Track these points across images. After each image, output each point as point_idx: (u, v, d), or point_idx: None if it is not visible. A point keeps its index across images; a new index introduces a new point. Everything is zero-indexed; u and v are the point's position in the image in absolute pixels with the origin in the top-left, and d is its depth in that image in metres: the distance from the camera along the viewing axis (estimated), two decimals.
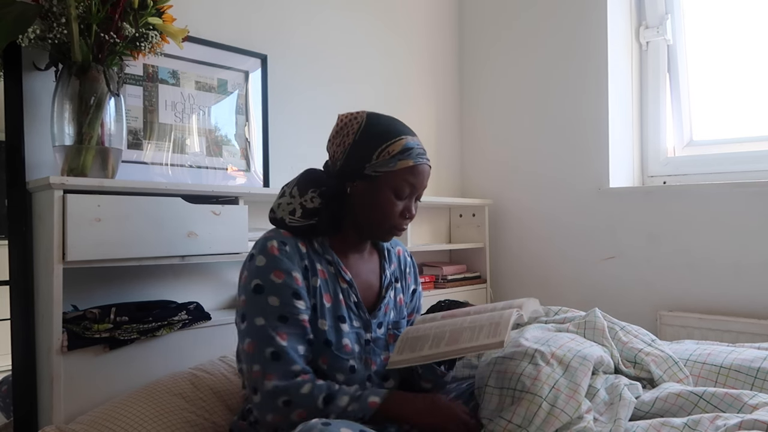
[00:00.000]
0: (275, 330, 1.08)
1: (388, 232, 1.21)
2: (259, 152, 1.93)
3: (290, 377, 1.07)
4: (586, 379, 1.21)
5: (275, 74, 2.01)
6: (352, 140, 1.18)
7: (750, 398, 1.16)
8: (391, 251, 1.34)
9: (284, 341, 1.08)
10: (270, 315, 1.09)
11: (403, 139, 1.17)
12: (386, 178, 1.15)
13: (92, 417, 1.29)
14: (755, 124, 2.22)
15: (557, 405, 1.12)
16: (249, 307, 1.11)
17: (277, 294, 1.10)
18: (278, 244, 1.13)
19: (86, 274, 1.49)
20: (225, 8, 1.90)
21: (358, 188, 1.18)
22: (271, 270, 1.11)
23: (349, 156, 1.18)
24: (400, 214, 1.18)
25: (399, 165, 1.15)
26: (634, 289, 2.25)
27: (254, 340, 1.09)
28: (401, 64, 2.49)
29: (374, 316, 1.23)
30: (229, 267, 1.82)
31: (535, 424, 1.09)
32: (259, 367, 1.07)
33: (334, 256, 1.20)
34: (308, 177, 1.22)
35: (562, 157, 2.45)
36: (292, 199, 1.19)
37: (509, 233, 2.60)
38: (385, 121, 1.20)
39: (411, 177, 1.16)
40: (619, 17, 2.36)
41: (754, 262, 2.01)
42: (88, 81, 1.39)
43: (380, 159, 1.15)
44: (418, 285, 1.39)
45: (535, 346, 1.25)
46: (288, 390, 1.06)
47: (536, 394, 1.13)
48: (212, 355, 1.57)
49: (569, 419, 1.11)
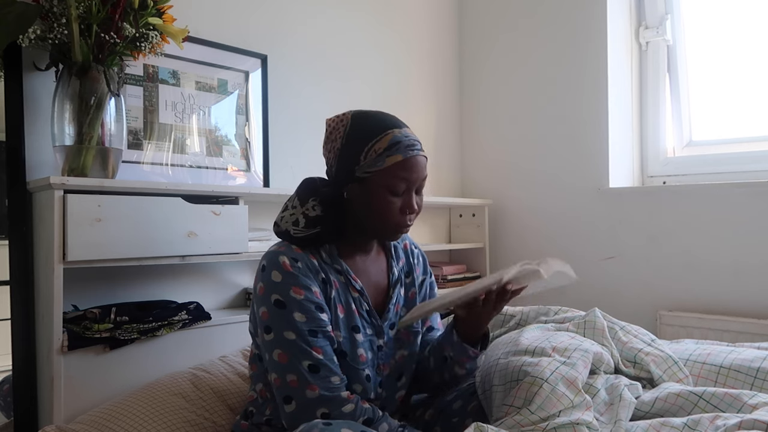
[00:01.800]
0: (309, 345, 1.07)
1: (394, 231, 1.17)
2: (259, 152, 1.93)
3: (333, 390, 1.06)
4: (586, 371, 1.21)
5: (275, 74, 2.01)
6: (340, 144, 1.15)
7: (750, 398, 1.16)
8: (398, 247, 1.32)
9: (320, 355, 1.07)
10: (299, 331, 1.08)
11: (389, 134, 1.13)
12: (378, 178, 1.12)
13: (92, 417, 1.29)
14: (755, 124, 2.22)
15: (558, 388, 1.12)
16: (274, 321, 1.09)
17: (300, 310, 1.09)
18: (290, 261, 1.12)
19: (86, 274, 1.49)
20: (225, 8, 1.90)
21: (353, 191, 1.16)
22: (290, 287, 1.09)
23: (340, 160, 1.16)
24: (400, 211, 1.15)
25: (388, 162, 1.11)
26: (634, 289, 2.26)
27: (286, 352, 1.07)
28: (401, 63, 2.49)
29: (385, 318, 1.21)
30: (229, 267, 1.82)
31: (536, 404, 1.09)
32: (296, 377, 1.06)
33: (343, 265, 1.18)
34: (307, 186, 1.20)
35: (562, 157, 2.45)
36: (294, 210, 1.18)
37: (509, 233, 2.60)
38: (371, 118, 1.16)
39: (403, 172, 1.12)
40: (618, 17, 2.37)
41: (754, 262, 2.01)
42: (89, 81, 1.39)
43: (368, 159, 1.12)
44: (429, 275, 1.35)
45: (535, 344, 1.27)
46: (331, 403, 1.05)
47: (537, 377, 1.13)
48: (212, 355, 1.58)
49: (570, 403, 1.10)
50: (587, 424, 1.06)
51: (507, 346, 1.32)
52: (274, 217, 1.92)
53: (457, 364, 1.22)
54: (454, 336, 1.18)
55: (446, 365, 1.24)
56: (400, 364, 1.23)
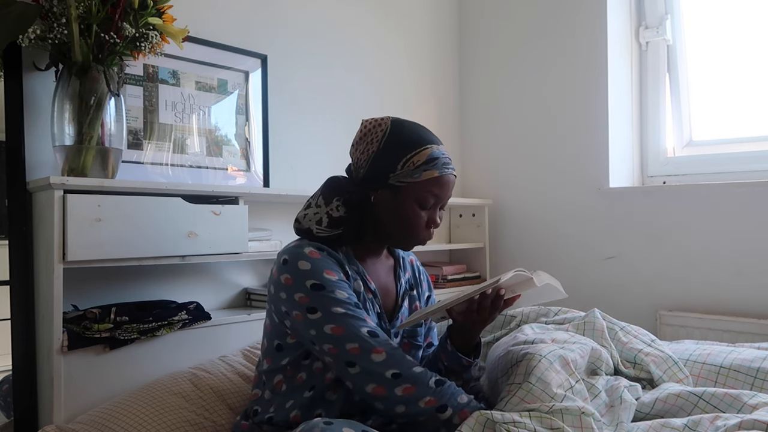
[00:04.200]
0: (360, 316, 1.09)
1: (414, 243, 1.20)
2: (259, 152, 1.93)
3: (398, 351, 1.08)
4: (583, 360, 1.23)
5: (275, 74, 2.01)
6: (376, 148, 1.16)
7: (750, 398, 1.16)
8: (405, 259, 1.34)
9: (372, 323, 1.10)
10: (346, 304, 1.09)
11: (429, 149, 1.15)
12: (411, 189, 1.14)
13: (92, 417, 1.29)
14: (755, 124, 2.22)
15: (555, 364, 1.14)
16: (317, 301, 1.09)
17: (340, 288, 1.11)
18: (316, 248, 1.13)
19: (86, 274, 1.49)
20: (225, 8, 1.90)
21: (381, 197, 1.17)
22: (322, 270, 1.11)
23: (373, 164, 1.16)
24: (425, 225, 1.17)
25: (424, 176, 1.13)
26: (633, 289, 2.26)
27: (341, 324, 1.08)
28: (401, 63, 2.49)
29: (392, 325, 1.23)
30: (229, 267, 1.82)
31: (536, 375, 1.10)
32: (358, 344, 1.06)
33: (359, 267, 1.20)
34: (332, 185, 1.21)
35: (562, 157, 2.45)
36: (318, 209, 1.18)
37: (509, 233, 2.60)
38: (410, 128, 1.18)
39: (436, 188, 1.15)
40: (618, 17, 2.36)
41: (754, 262, 2.01)
42: (89, 81, 1.39)
43: (405, 169, 1.13)
44: (432, 292, 1.38)
45: (534, 336, 1.31)
46: (400, 364, 1.06)
47: (535, 353, 1.16)
48: (212, 355, 1.58)
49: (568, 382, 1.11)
50: (592, 415, 1.05)
51: (506, 343, 1.34)
52: (274, 217, 1.94)
53: (452, 374, 1.22)
54: (449, 345, 1.19)
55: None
56: None
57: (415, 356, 1.27)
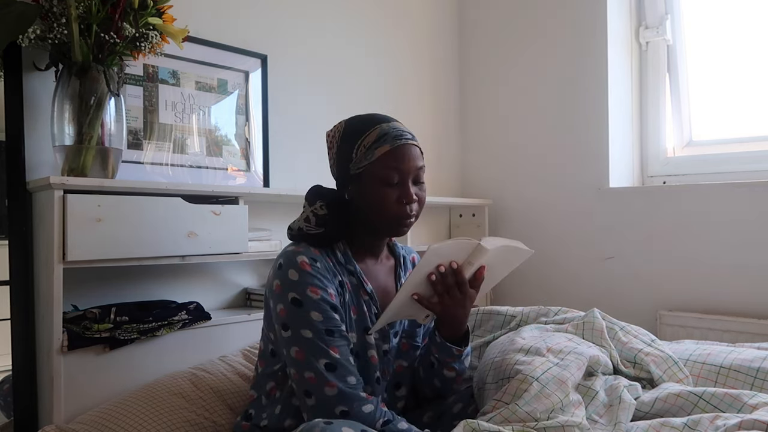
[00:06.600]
0: (326, 344, 1.08)
1: (397, 224, 1.17)
2: (259, 152, 1.93)
3: (351, 388, 1.07)
4: (579, 373, 1.21)
5: (275, 74, 2.01)
6: (336, 148, 1.20)
7: (750, 398, 1.16)
8: (407, 258, 1.34)
9: (337, 354, 1.08)
10: (316, 330, 1.08)
11: (377, 128, 1.16)
12: (370, 171, 1.14)
13: (92, 417, 1.29)
14: (755, 124, 2.22)
15: (548, 387, 1.12)
16: (291, 319, 1.09)
17: (317, 309, 1.09)
18: (309, 260, 1.12)
19: (86, 274, 1.49)
20: (225, 8, 1.90)
21: (352, 191, 1.18)
22: (306, 286, 1.10)
23: (338, 163, 1.20)
24: (397, 201, 1.15)
25: (377, 153, 1.14)
26: (633, 289, 2.25)
27: (304, 350, 1.08)
28: (401, 63, 2.49)
29: (392, 326, 1.23)
30: (229, 267, 1.82)
31: (525, 399, 1.09)
32: (314, 374, 1.06)
33: (356, 267, 1.20)
34: (314, 191, 1.24)
35: (562, 157, 2.45)
36: (303, 209, 1.21)
37: (509, 233, 2.59)
38: (360, 118, 1.21)
39: (392, 161, 1.13)
40: (618, 18, 2.37)
41: (754, 262, 2.01)
42: (88, 81, 1.39)
43: (359, 154, 1.15)
44: None
45: (531, 343, 1.28)
46: (350, 401, 1.05)
47: (528, 375, 1.14)
48: (212, 355, 1.58)
49: (560, 402, 1.11)
50: (577, 425, 1.06)
51: (503, 345, 1.33)
52: (274, 217, 1.94)
53: (444, 367, 1.23)
54: (437, 337, 1.20)
55: (434, 370, 1.25)
56: (399, 374, 1.25)
57: (413, 356, 1.28)
